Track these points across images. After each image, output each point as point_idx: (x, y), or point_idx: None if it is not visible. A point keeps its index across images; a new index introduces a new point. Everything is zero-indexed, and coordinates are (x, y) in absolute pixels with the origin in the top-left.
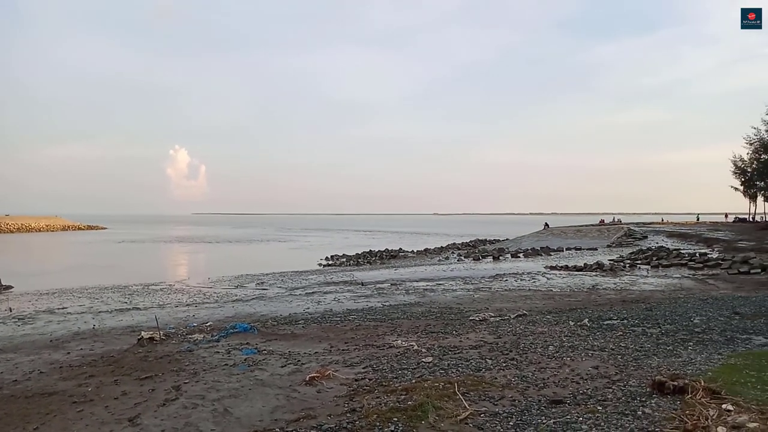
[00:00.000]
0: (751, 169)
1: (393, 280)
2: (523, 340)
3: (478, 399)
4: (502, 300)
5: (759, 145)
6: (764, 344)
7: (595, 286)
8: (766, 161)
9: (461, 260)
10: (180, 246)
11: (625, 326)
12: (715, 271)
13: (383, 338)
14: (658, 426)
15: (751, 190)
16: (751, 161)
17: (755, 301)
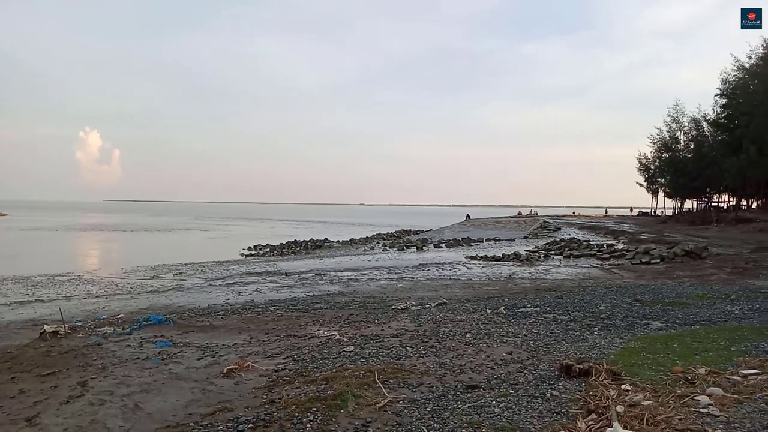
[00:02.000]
0: (653, 166)
1: (317, 270)
2: (442, 327)
3: (398, 386)
4: (424, 289)
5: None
6: (660, 328)
7: (512, 275)
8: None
9: (386, 250)
10: (91, 234)
11: (538, 313)
12: (620, 261)
13: (305, 328)
14: (564, 407)
15: (653, 186)
16: (654, 159)
17: (654, 289)
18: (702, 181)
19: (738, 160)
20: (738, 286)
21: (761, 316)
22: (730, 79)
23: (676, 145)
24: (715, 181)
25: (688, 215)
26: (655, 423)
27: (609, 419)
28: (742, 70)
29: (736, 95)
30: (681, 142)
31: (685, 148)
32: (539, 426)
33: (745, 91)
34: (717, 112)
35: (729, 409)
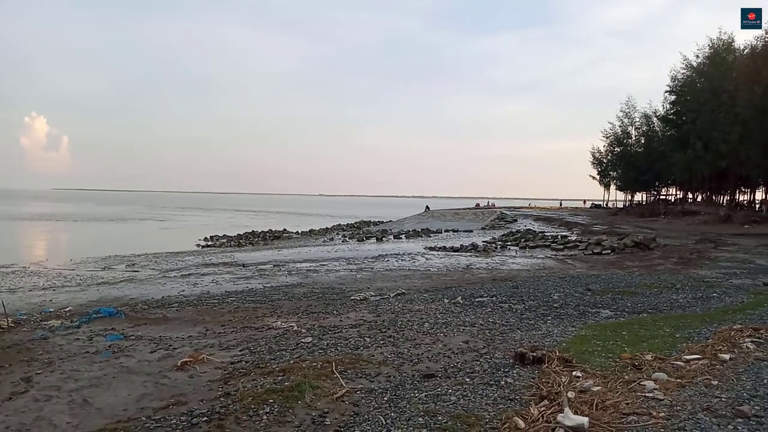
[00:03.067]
0: (606, 160)
1: (276, 262)
2: (400, 318)
3: (356, 377)
4: (383, 279)
5: (614, 138)
6: (609, 317)
7: (470, 265)
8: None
9: (346, 241)
10: (37, 224)
11: (494, 303)
12: (573, 252)
13: (262, 320)
14: (518, 394)
15: (605, 179)
16: (607, 153)
17: (604, 279)
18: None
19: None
20: (683, 276)
21: (703, 304)
22: (679, 77)
23: (627, 139)
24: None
25: (638, 208)
26: (604, 408)
27: (560, 405)
28: (690, 68)
29: (685, 93)
30: (632, 137)
31: (636, 143)
32: (494, 413)
33: (692, 88)
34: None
35: (672, 392)
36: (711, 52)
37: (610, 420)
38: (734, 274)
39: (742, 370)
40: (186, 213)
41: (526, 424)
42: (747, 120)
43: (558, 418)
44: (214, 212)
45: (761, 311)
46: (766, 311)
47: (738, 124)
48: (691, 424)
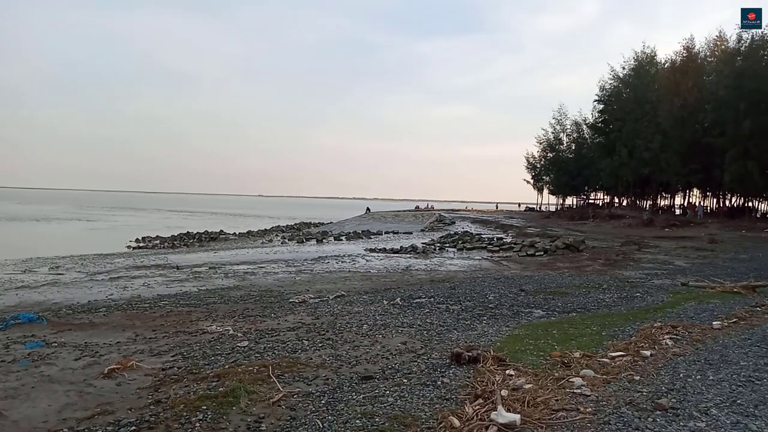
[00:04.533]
0: (539, 165)
1: (212, 264)
2: (340, 320)
3: (293, 380)
4: (323, 282)
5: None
6: (541, 316)
7: (409, 267)
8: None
9: (285, 243)
10: None
11: (432, 304)
12: (508, 253)
13: (197, 324)
14: (454, 393)
15: (539, 183)
16: (540, 158)
17: (537, 280)
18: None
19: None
20: (609, 277)
21: (627, 304)
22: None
23: (559, 145)
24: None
25: (568, 211)
26: (535, 404)
27: (494, 403)
28: (616, 79)
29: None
30: (564, 143)
31: (567, 149)
32: (430, 413)
33: (619, 98)
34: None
35: (599, 388)
36: (635, 65)
37: (541, 416)
38: (655, 275)
39: (662, 366)
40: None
41: (461, 422)
42: (667, 130)
43: (492, 416)
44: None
45: (679, 309)
46: (683, 309)
47: (659, 133)
48: (615, 418)
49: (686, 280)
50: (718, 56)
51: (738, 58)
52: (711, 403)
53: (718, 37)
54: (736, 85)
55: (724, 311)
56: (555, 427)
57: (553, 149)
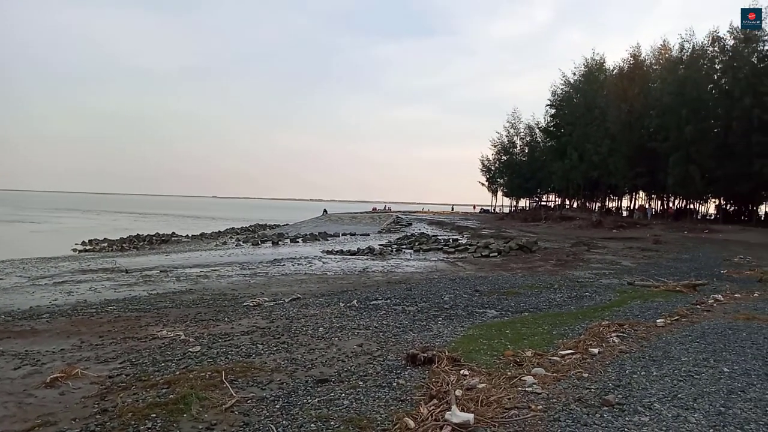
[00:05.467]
0: (494, 168)
1: (163, 267)
2: (295, 323)
3: (247, 385)
4: (279, 284)
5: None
6: (495, 316)
7: (366, 269)
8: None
9: (240, 245)
10: None
11: (389, 305)
12: (463, 254)
13: (146, 329)
14: (409, 395)
15: (493, 185)
16: (495, 161)
17: (491, 280)
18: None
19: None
20: (560, 277)
21: (577, 303)
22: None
23: (513, 149)
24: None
25: (522, 213)
26: (488, 404)
27: (449, 403)
28: (568, 84)
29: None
30: (517, 147)
31: (521, 152)
32: (385, 414)
33: (570, 103)
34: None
35: (549, 386)
36: (585, 71)
37: (494, 415)
38: (603, 275)
39: (609, 363)
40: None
41: (416, 423)
42: (615, 134)
43: (446, 416)
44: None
45: (625, 308)
46: (630, 308)
47: (608, 137)
48: (564, 415)
49: (632, 279)
50: (663, 64)
51: (680, 66)
52: (654, 397)
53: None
54: (679, 92)
55: (667, 309)
56: (507, 425)
57: (507, 152)
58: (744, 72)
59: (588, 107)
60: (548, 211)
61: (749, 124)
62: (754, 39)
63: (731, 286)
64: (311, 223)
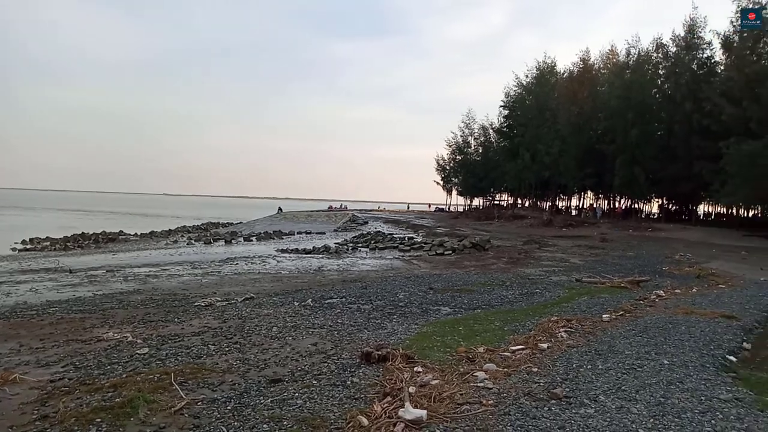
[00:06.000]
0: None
1: (110, 267)
2: (248, 323)
3: (197, 387)
4: (231, 284)
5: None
6: (449, 313)
7: (321, 267)
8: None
9: (191, 244)
10: None
11: (344, 304)
12: (419, 252)
13: (91, 331)
14: (363, 393)
15: (448, 184)
16: (450, 161)
17: (446, 278)
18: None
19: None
20: (512, 274)
21: (528, 299)
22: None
23: (467, 149)
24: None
25: (476, 212)
26: (441, 399)
27: (402, 400)
28: (520, 86)
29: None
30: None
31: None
32: (339, 413)
33: (522, 105)
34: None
35: (500, 381)
36: (537, 73)
37: (446, 411)
38: (553, 272)
39: (557, 357)
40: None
41: (369, 421)
42: (565, 136)
43: (399, 413)
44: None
45: (573, 304)
46: (577, 304)
47: (558, 139)
48: (514, 409)
49: (580, 276)
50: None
51: (627, 71)
52: (599, 390)
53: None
54: (625, 96)
55: (613, 305)
56: (459, 420)
57: (461, 152)
58: (685, 78)
59: (540, 109)
60: (501, 210)
61: (690, 127)
62: (694, 47)
63: (672, 282)
64: (266, 222)
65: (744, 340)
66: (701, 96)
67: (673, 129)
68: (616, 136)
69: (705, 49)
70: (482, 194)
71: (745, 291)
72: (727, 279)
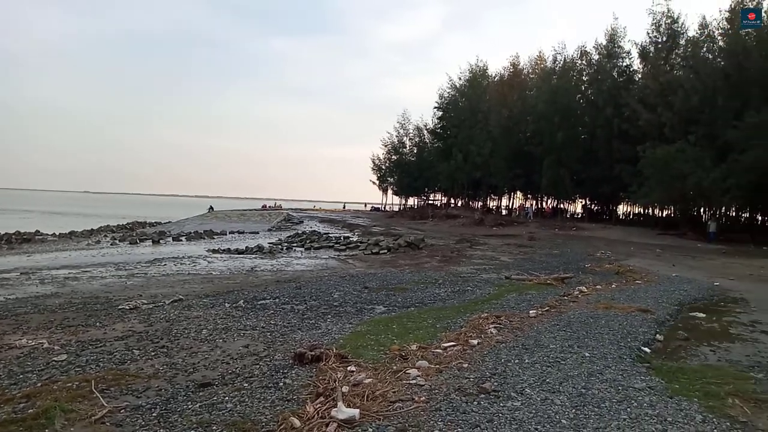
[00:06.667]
0: (384, 167)
1: (24, 269)
2: (176, 326)
3: (120, 394)
4: (159, 286)
5: (391, 147)
6: (383, 312)
7: (254, 268)
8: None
9: (116, 244)
10: None
11: (277, 305)
12: (354, 252)
13: (2, 338)
14: (296, 394)
15: (384, 184)
16: (385, 160)
17: (380, 277)
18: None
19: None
20: (445, 272)
21: (460, 297)
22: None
23: (402, 149)
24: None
25: (410, 211)
26: (374, 398)
27: (335, 400)
28: (454, 88)
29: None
30: (407, 147)
31: (410, 152)
32: (270, 415)
33: (455, 107)
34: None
35: (432, 378)
36: (470, 76)
37: (379, 409)
38: (484, 270)
39: (487, 353)
40: None
41: (302, 422)
42: (496, 137)
43: (332, 413)
44: None
45: (502, 301)
46: (506, 300)
47: (490, 140)
48: (445, 405)
49: (509, 274)
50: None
51: (553, 76)
52: (526, 383)
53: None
54: (552, 100)
55: (539, 301)
56: (391, 418)
57: (397, 152)
58: (606, 85)
59: (472, 111)
60: (435, 209)
61: (610, 132)
62: (615, 55)
63: (594, 279)
64: (196, 221)
65: (657, 332)
66: (621, 102)
67: (596, 133)
68: (544, 139)
69: (624, 58)
70: (417, 194)
71: (658, 286)
72: (643, 275)
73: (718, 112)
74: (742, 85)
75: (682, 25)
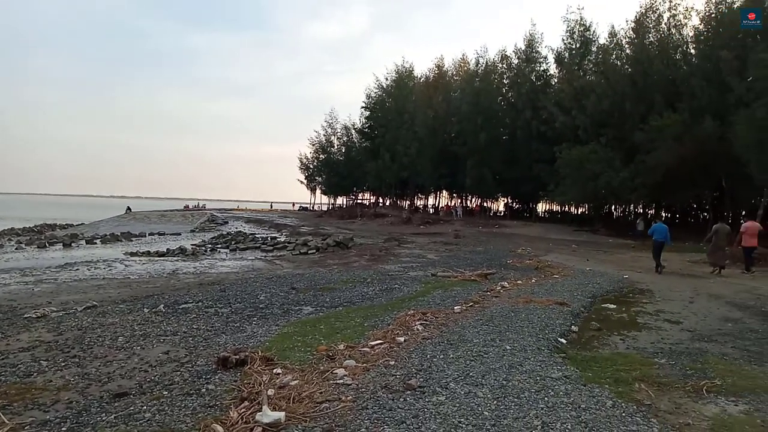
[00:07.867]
0: (312, 166)
1: None
2: (89, 334)
3: (25, 409)
4: (70, 292)
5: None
6: (310, 312)
7: (176, 270)
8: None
9: (21, 248)
10: None
11: (200, 308)
12: (282, 252)
13: None
14: (219, 399)
15: (312, 183)
16: (313, 159)
17: (308, 277)
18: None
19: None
20: (373, 271)
21: (387, 295)
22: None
23: (330, 148)
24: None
25: (339, 210)
26: (300, 400)
27: (260, 404)
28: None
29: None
30: (335, 146)
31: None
32: (192, 423)
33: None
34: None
35: (359, 376)
36: (397, 77)
37: (306, 410)
38: (411, 267)
39: (413, 349)
40: None
41: (225, 428)
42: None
43: (257, 417)
44: None
45: (429, 298)
46: (432, 297)
47: (416, 140)
48: (372, 403)
49: (435, 271)
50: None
51: (476, 79)
52: (450, 378)
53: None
54: (475, 102)
55: (464, 297)
56: (318, 419)
57: (324, 151)
58: (525, 88)
59: (399, 111)
60: (363, 208)
61: (529, 133)
62: (533, 60)
63: (515, 274)
64: (112, 222)
65: (572, 324)
66: (539, 105)
67: (516, 134)
68: (467, 139)
69: (542, 63)
70: (345, 193)
71: (574, 280)
72: (560, 270)
73: (626, 115)
74: (647, 91)
75: (594, 33)
